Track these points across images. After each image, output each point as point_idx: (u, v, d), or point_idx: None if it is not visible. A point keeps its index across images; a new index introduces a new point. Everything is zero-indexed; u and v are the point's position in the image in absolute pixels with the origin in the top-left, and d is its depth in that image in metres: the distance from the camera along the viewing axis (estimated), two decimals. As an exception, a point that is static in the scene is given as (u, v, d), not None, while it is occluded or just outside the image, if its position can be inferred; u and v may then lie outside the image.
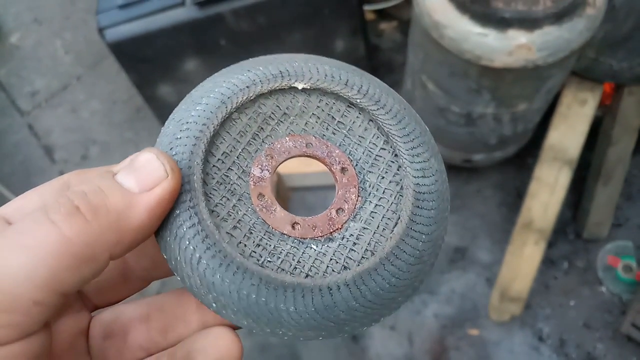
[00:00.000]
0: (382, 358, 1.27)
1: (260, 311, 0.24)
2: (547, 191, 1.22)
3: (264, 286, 0.24)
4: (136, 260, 0.28)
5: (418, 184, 0.27)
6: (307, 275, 0.25)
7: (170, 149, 0.25)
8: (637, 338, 1.18)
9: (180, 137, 0.25)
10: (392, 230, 0.27)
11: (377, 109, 0.28)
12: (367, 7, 1.68)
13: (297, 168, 1.38)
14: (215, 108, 0.26)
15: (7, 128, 1.77)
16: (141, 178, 0.22)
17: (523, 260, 1.23)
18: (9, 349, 0.19)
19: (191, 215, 0.24)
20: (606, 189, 1.30)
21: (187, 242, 0.24)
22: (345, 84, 0.28)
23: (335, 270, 0.26)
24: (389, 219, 0.27)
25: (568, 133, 1.22)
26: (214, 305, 0.24)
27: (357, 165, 0.28)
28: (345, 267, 0.26)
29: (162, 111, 1.44)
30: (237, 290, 0.24)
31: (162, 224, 0.24)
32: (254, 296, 0.24)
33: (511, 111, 1.10)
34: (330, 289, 0.25)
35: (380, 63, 1.68)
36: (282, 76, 0.27)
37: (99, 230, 0.20)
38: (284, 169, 1.35)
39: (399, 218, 0.27)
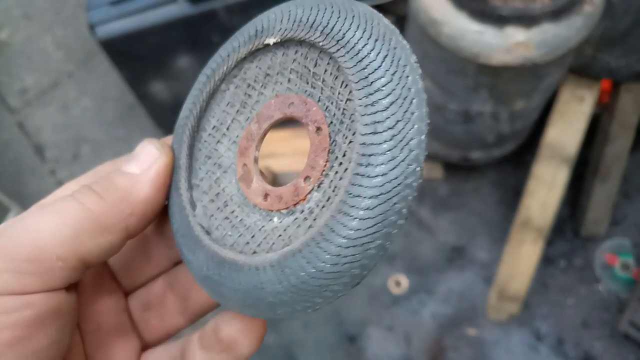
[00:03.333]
0: (380, 359, 1.26)
1: (210, 284, 0.25)
2: (545, 189, 1.21)
3: (211, 261, 0.24)
4: (157, 240, 0.30)
5: (364, 143, 0.20)
6: (254, 252, 0.24)
7: (174, 130, 0.28)
8: (635, 336, 1.17)
9: (179, 119, 0.28)
10: (330, 203, 0.22)
11: (339, 48, 0.22)
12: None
13: (293, 166, 1.37)
14: (202, 84, 0.27)
15: (-4, 126, 1.75)
16: (140, 161, 0.26)
17: (521, 258, 1.22)
18: (33, 298, 0.21)
19: (175, 190, 0.27)
20: (604, 186, 1.29)
21: (173, 217, 0.27)
22: (311, 26, 0.23)
23: (275, 248, 0.23)
24: (337, 187, 0.22)
25: (566, 130, 1.21)
26: (192, 274, 0.26)
27: (331, 123, 0.23)
28: (286, 245, 0.23)
29: (155, 108, 1.42)
30: (196, 263, 0.25)
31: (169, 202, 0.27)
32: (204, 269, 0.25)
33: (509, 109, 1.09)
34: (257, 269, 0.22)
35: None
36: (256, 35, 0.25)
37: (112, 202, 0.24)
38: (279, 167, 1.33)
39: (336, 188, 0.22)
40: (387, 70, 0.21)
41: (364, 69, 0.21)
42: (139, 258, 0.30)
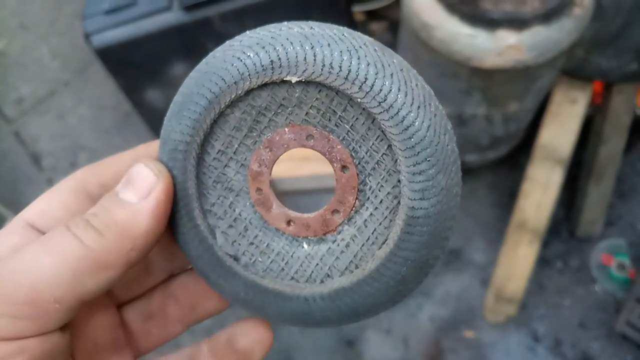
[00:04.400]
0: (378, 362, 1.26)
1: (251, 307, 0.26)
2: (540, 191, 1.22)
3: (250, 289, 0.25)
4: (155, 252, 0.30)
5: (413, 207, 0.23)
6: (292, 278, 0.26)
7: (169, 154, 0.26)
8: (632, 336, 1.18)
9: (174, 141, 0.26)
10: (379, 249, 0.25)
11: (381, 111, 0.22)
12: (356, 8, 1.68)
13: (289, 171, 1.37)
14: (202, 108, 0.24)
15: (-7, 136, 1.75)
16: (137, 188, 0.24)
17: (517, 260, 1.22)
18: (27, 343, 0.21)
19: (189, 219, 0.26)
20: (598, 187, 1.30)
21: (189, 245, 0.27)
22: (346, 78, 0.22)
23: (317, 278, 0.25)
24: (379, 233, 0.25)
25: (559, 132, 1.22)
26: (225, 297, 0.27)
27: (358, 164, 0.24)
28: (328, 276, 0.25)
29: (151, 116, 1.42)
30: (230, 289, 0.26)
31: (173, 224, 0.27)
32: (242, 294, 0.26)
33: (502, 111, 1.09)
34: (307, 300, 0.25)
35: (371, 64, 1.67)
36: (272, 68, 0.23)
37: (112, 239, 0.23)
38: (274, 172, 1.33)
39: (386, 239, 0.25)
40: (431, 141, 0.22)
41: (410, 138, 0.22)
42: (137, 273, 0.30)
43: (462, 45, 0.92)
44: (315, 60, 0.22)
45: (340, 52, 0.22)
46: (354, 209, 0.25)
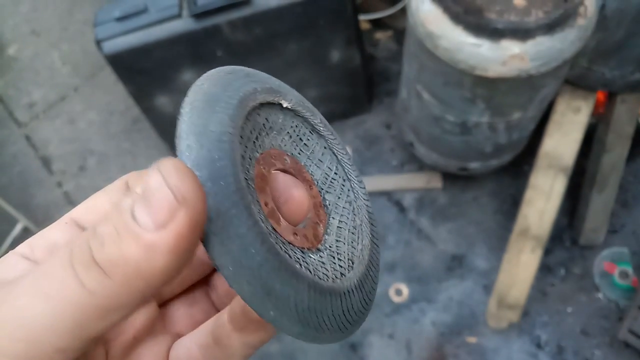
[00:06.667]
0: (381, 367, 1.27)
1: (309, 316, 0.24)
2: (543, 198, 1.23)
3: (312, 291, 0.23)
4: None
5: (368, 205, 0.30)
6: (331, 279, 0.26)
7: (212, 144, 0.22)
8: (635, 344, 1.18)
9: (217, 134, 0.22)
10: (362, 243, 0.29)
11: (333, 138, 0.30)
12: (362, 17, 1.70)
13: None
14: (238, 105, 0.24)
15: (4, 140, 1.78)
16: (153, 211, 0.18)
17: (520, 267, 1.23)
18: None
19: (246, 217, 0.22)
20: (601, 195, 1.31)
21: (246, 252, 0.22)
22: (312, 113, 0.30)
23: (336, 276, 0.26)
24: (352, 233, 0.29)
25: (563, 141, 1.23)
26: (271, 313, 0.23)
27: (317, 184, 0.29)
28: (342, 274, 0.27)
29: (159, 122, 1.45)
30: (294, 296, 0.23)
31: (210, 230, 0.21)
32: (306, 301, 0.23)
33: (506, 120, 1.11)
34: (349, 292, 0.26)
35: (376, 72, 1.69)
36: (273, 91, 0.27)
37: (120, 282, 0.18)
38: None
39: (361, 232, 0.29)
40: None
41: (350, 157, 0.31)
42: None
43: (466, 54, 0.94)
44: (294, 95, 0.29)
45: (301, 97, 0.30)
46: (325, 220, 0.28)
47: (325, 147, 0.30)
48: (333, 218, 0.29)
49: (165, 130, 1.49)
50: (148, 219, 0.18)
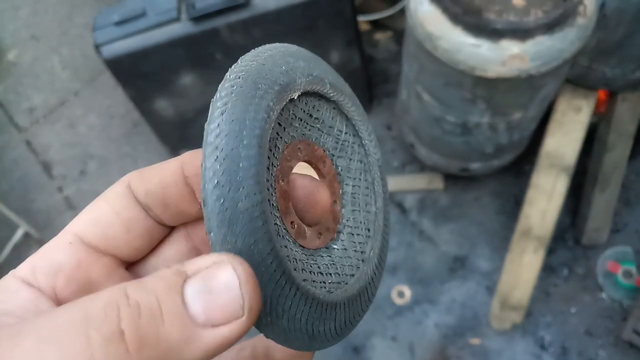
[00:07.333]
0: (384, 369, 1.26)
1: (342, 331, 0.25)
2: (545, 198, 1.22)
3: (344, 321, 0.25)
4: (162, 212, 0.24)
5: (378, 159, 0.29)
6: (351, 275, 0.26)
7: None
8: (639, 344, 1.17)
9: (244, 206, 0.19)
10: (375, 205, 0.29)
11: (342, 99, 0.27)
12: (361, 18, 1.70)
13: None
14: (256, 158, 0.21)
15: (5, 144, 1.78)
16: (212, 307, 0.17)
17: (523, 267, 1.23)
18: None
19: (286, 279, 0.21)
20: (604, 194, 1.30)
21: (293, 318, 0.21)
22: (320, 80, 0.25)
23: (359, 259, 0.27)
24: (366, 195, 0.28)
25: (564, 140, 1.22)
26: (316, 347, 0.23)
27: (328, 153, 0.28)
28: (362, 253, 0.27)
29: (159, 125, 1.45)
30: (328, 327, 0.23)
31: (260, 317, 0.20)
32: (333, 329, 0.24)
33: (506, 120, 1.10)
34: (368, 285, 0.26)
35: (376, 73, 1.69)
36: (282, 91, 0.23)
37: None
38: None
39: (374, 191, 0.29)
40: (362, 109, 0.30)
41: (357, 108, 0.28)
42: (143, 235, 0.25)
43: (466, 55, 0.93)
44: (303, 73, 0.25)
45: (304, 61, 0.25)
46: (340, 192, 0.28)
47: (334, 109, 0.28)
48: (347, 184, 0.28)
49: (165, 134, 1.49)
50: (201, 309, 0.17)
